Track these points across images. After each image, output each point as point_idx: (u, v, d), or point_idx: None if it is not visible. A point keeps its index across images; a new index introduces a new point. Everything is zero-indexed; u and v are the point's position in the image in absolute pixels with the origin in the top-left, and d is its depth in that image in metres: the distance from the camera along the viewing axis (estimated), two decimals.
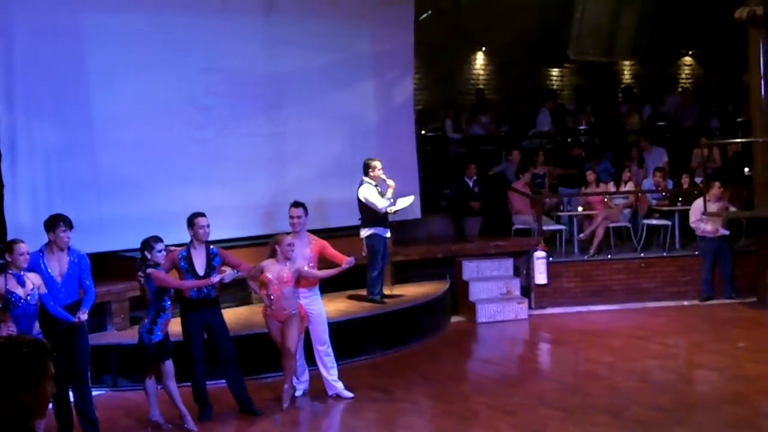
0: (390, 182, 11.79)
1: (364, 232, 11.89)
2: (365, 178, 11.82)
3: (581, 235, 14.84)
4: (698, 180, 15.50)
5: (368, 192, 11.74)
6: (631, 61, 20.88)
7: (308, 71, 13.06)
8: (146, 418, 8.65)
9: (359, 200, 11.82)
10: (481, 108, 18.23)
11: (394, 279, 13.15)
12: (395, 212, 12.08)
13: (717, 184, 13.87)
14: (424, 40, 14.91)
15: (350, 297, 12.29)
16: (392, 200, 11.82)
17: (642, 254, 14.56)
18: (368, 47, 13.82)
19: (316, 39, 13.03)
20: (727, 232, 13.92)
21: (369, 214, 11.82)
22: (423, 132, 16.38)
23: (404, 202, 12.13)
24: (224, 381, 8.98)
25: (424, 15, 15.49)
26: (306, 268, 9.13)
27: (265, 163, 12.62)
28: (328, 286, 10.27)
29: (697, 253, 14.17)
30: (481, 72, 19.79)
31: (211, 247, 8.86)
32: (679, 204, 14.90)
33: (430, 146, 16.75)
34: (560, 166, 16.77)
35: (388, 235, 12.13)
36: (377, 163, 11.90)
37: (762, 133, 13.63)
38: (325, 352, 9.37)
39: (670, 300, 14.07)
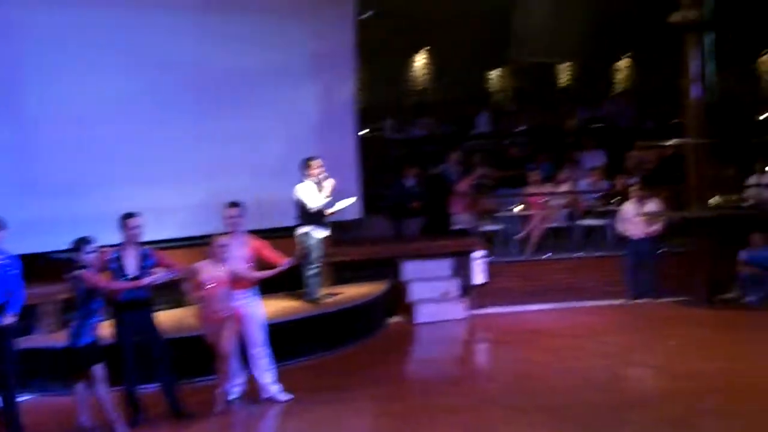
0: (328, 182, 11.76)
1: (299, 231, 11.89)
2: (304, 177, 11.84)
3: (519, 236, 14.92)
4: (633, 181, 15.67)
5: (304, 190, 11.78)
6: (570, 64, 21.07)
7: (248, 69, 12.94)
8: (75, 423, 8.48)
9: (296, 198, 11.82)
10: (422, 109, 18.27)
11: (334, 279, 13.10)
12: (333, 213, 12.09)
13: (635, 186, 14.08)
14: (365, 40, 14.87)
15: (289, 297, 12.20)
16: (330, 200, 11.80)
17: (580, 254, 14.69)
18: (310, 46, 13.74)
19: (256, 37, 12.92)
20: (650, 233, 14.10)
21: (305, 213, 11.84)
22: (364, 132, 16.34)
23: (344, 203, 12.15)
24: (156, 385, 8.86)
25: (366, 15, 15.47)
26: (242, 269, 9.05)
27: (204, 162, 12.44)
28: (266, 287, 10.17)
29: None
30: (422, 73, 19.85)
31: (144, 248, 8.74)
32: (614, 204, 15.06)
33: (370, 146, 16.71)
34: (499, 167, 16.83)
35: (325, 234, 12.10)
36: (316, 162, 11.91)
37: (695, 135, 13.84)
38: (260, 354, 9.25)
39: (607, 299, 14.20)
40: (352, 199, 12.44)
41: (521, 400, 9.34)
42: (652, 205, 14.15)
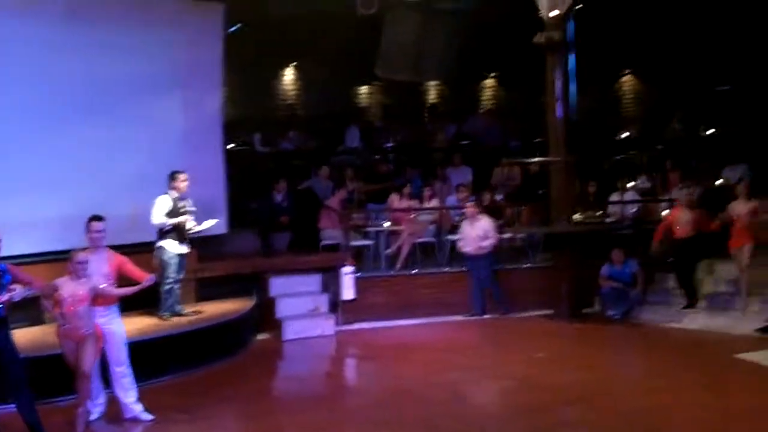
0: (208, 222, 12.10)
1: (157, 244, 11.79)
2: (169, 190, 11.77)
3: (388, 251, 15.00)
4: (499, 198, 15.99)
5: (158, 203, 11.75)
6: (437, 82, 21.34)
7: (114, 80, 12.63)
8: None
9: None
10: (291, 123, 18.22)
11: (198, 296, 12.90)
12: (195, 232, 12.06)
13: (469, 204, 14.47)
14: (234, 53, 14.73)
15: (152, 314, 11.95)
16: (174, 221, 11.77)
17: (447, 269, 14.86)
18: (177, 57, 13.52)
19: (123, 47, 12.64)
20: (483, 250, 14.28)
21: (157, 227, 11.82)
22: (231, 145, 16.17)
23: (206, 224, 12.14)
24: (14, 405, 8.50)
25: (234, 28, 15.33)
26: (103, 286, 8.79)
27: (65, 174, 12.02)
28: (127, 305, 9.93)
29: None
30: (291, 87, 19.81)
31: (0, 263, 8.40)
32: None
33: (238, 160, 16.55)
34: (368, 183, 16.91)
35: (184, 250, 11.97)
36: (182, 175, 11.80)
37: (557, 153, 14.19)
38: (122, 373, 9.01)
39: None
40: (213, 221, 12.34)
41: (389, 414, 9.36)
42: (484, 224, 14.32)
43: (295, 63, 19.65)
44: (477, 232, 14.26)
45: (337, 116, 19.24)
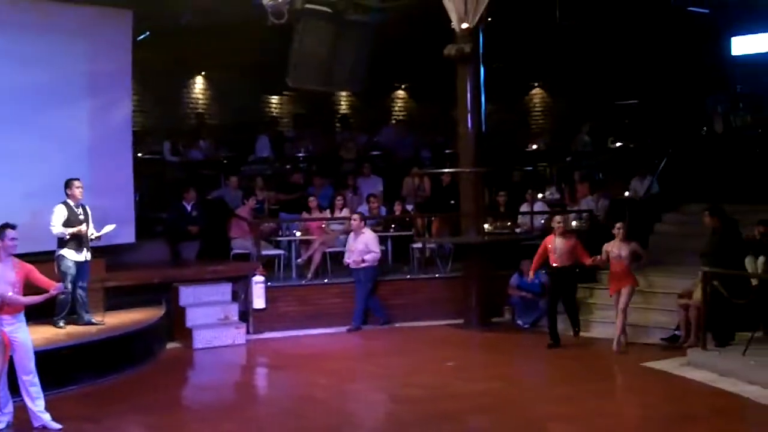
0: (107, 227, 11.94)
1: (56, 253, 11.71)
2: (67, 198, 11.74)
3: (299, 260, 14.96)
4: (409, 208, 16.08)
5: (56, 212, 11.67)
6: (348, 92, 21.40)
7: (19, 88, 12.43)
8: None
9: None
10: (201, 132, 18.06)
11: (107, 305, 12.68)
12: (97, 238, 11.93)
13: (354, 216, 14.49)
14: (142, 61, 14.55)
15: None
16: (73, 230, 11.65)
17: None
18: (84, 66, 13.32)
19: (28, 55, 12.44)
20: (365, 265, 14.19)
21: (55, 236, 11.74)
22: (140, 155, 15.95)
23: (105, 230, 11.97)
24: None
25: (143, 36, 15.13)
26: (10, 294, 8.59)
27: None
28: (34, 313, 9.71)
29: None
30: (201, 96, 19.67)
31: None
32: (391, 230, 15.38)
33: (147, 169, 16.32)
34: (280, 192, 16.84)
35: (82, 258, 11.80)
36: (75, 182, 11.79)
37: (467, 165, 14.35)
38: (30, 382, 8.84)
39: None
40: (112, 227, 12.12)
41: (298, 424, 9.40)
42: (367, 238, 14.27)
43: (204, 72, 19.50)
44: (359, 246, 14.21)
45: (248, 126, 19.15)
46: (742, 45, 18.76)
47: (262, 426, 9.59)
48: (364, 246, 14.19)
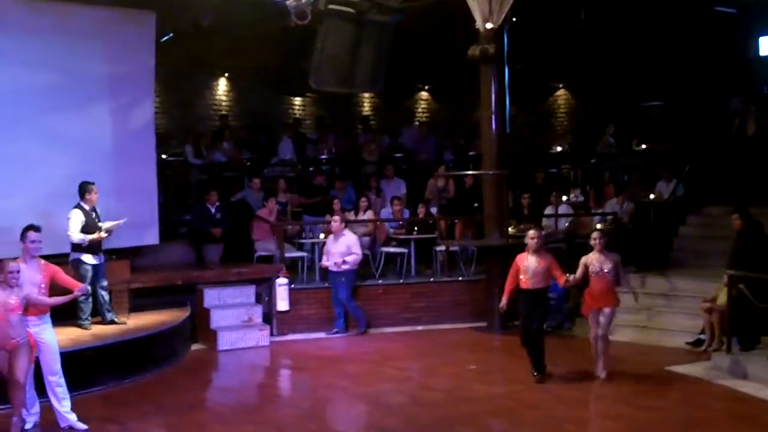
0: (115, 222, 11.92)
1: (71, 257, 11.75)
2: (81, 202, 11.80)
3: (322, 263, 14.96)
4: (433, 210, 16.05)
5: (73, 218, 11.68)
6: (370, 94, 21.42)
7: (41, 91, 12.49)
8: None
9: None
10: (223, 134, 18.11)
11: (131, 306, 12.75)
12: (107, 236, 11.92)
13: (335, 219, 14.27)
14: (164, 63, 14.60)
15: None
16: (93, 237, 11.71)
17: (380, 281, 14.90)
18: (106, 68, 13.32)
19: (48, 58, 12.49)
20: (345, 267, 13.99)
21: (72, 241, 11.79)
22: (163, 156, 16.02)
23: (113, 224, 11.98)
24: None
25: (166, 38, 15.18)
26: (36, 295, 8.66)
27: None
28: (59, 314, 9.78)
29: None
30: (224, 98, 19.74)
31: None
32: (415, 233, 15.36)
33: (170, 171, 16.40)
34: (303, 194, 16.87)
35: (97, 261, 11.88)
36: (93, 187, 11.84)
37: (491, 167, 14.30)
38: (56, 382, 8.93)
39: (405, 325, 14.47)
40: (121, 221, 12.10)
41: (318, 426, 9.46)
42: (348, 240, 14.10)
43: (227, 74, 19.56)
44: (340, 248, 14.01)
45: (270, 128, 19.20)
46: None
47: (282, 428, 9.58)
48: (345, 248, 14.01)
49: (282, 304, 13.91)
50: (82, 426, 8.96)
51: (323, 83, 15.92)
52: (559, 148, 19.74)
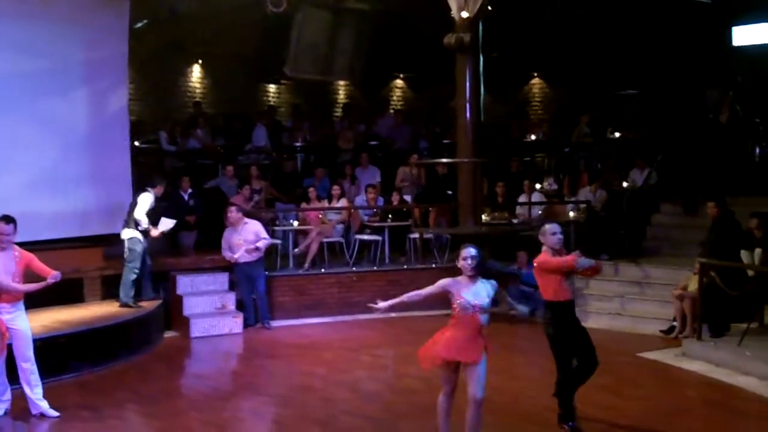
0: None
1: (126, 233, 12.37)
2: (150, 190, 12.71)
3: (296, 250, 14.96)
4: (407, 198, 16.07)
5: (143, 199, 12.55)
6: (347, 82, 21.41)
7: (13, 76, 12.41)
8: None
9: (133, 202, 12.62)
10: (197, 121, 18.04)
11: (105, 293, 12.73)
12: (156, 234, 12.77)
13: (230, 209, 13.85)
14: (139, 49, 14.53)
15: (60, 311, 11.82)
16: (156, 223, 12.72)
17: (354, 268, 14.92)
18: (80, 54, 13.27)
19: (22, 43, 12.42)
20: (249, 258, 13.67)
21: (131, 217, 12.46)
22: (137, 143, 15.94)
23: (166, 224, 12.89)
24: None
25: (140, 24, 15.10)
26: (8, 282, 8.61)
27: None
28: (33, 302, 9.74)
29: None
30: (198, 85, 19.66)
31: None
32: (389, 220, 15.38)
33: (144, 158, 16.32)
34: (276, 182, 16.82)
35: (146, 244, 12.59)
36: (163, 182, 13.18)
37: (466, 155, 14.34)
38: (29, 369, 8.90)
39: (380, 313, 14.41)
40: (172, 222, 13.07)
41: (292, 412, 9.45)
42: (253, 227, 13.80)
43: (201, 60, 19.48)
44: (247, 237, 13.67)
45: (245, 115, 19.14)
46: (744, 35, 18.67)
47: (258, 414, 9.64)
48: (254, 236, 13.67)
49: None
50: (54, 413, 8.94)
51: (299, 71, 15.93)
52: (533, 137, 19.79)
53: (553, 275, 8.24)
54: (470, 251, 7.60)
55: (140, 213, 12.41)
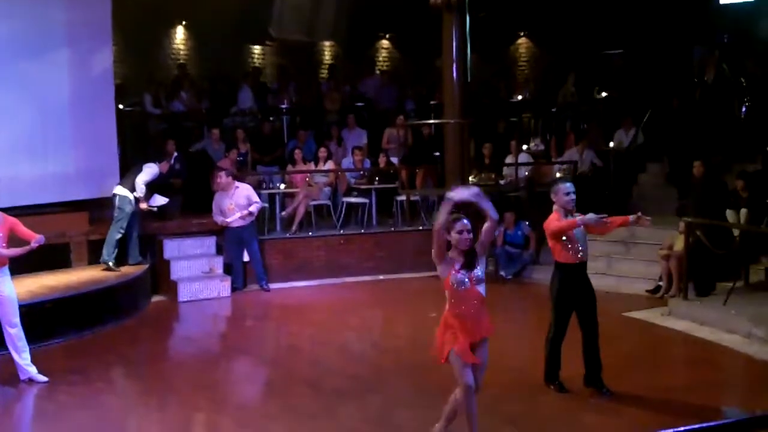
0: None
1: (118, 190, 12.56)
2: (158, 163, 13.30)
3: (283, 213, 14.94)
4: (394, 160, 16.03)
5: (147, 169, 12.93)
6: (332, 43, 21.27)
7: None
8: None
9: (138, 168, 12.96)
10: (182, 83, 17.91)
11: (91, 258, 12.69)
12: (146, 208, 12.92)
13: (219, 174, 13.82)
14: (122, 11, 14.36)
15: (47, 276, 11.82)
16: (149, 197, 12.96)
17: (341, 231, 14.91)
18: (62, 16, 13.09)
19: (1, 4, 12.23)
20: (242, 222, 13.62)
21: (131, 179, 12.71)
22: (121, 106, 15.83)
23: (158, 200, 13.14)
24: None
25: None
26: None
27: None
28: (19, 267, 9.72)
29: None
30: (182, 47, 19.50)
31: None
32: (376, 182, 15.36)
33: (129, 121, 16.22)
34: (261, 145, 16.72)
35: (135, 208, 12.76)
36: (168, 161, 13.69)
37: (452, 116, 14.28)
38: (16, 335, 8.91)
39: (367, 275, 14.49)
40: (165, 200, 13.31)
41: (280, 373, 9.54)
42: (245, 191, 13.69)
43: (185, 22, 19.30)
44: (239, 201, 13.64)
45: (230, 77, 19.02)
46: None
47: (246, 376, 9.70)
48: (245, 200, 13.65)
49: (244, 254, 13.86)
50: (42, 378, 8.95)
51: (284, 32, 15.82)
52: (520, 97, 19.74)
53: (559, 237, 8.16)
54: (467, 223, 6.87)
55: (141, 180, 12.61)
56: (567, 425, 7.68)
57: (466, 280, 6.77)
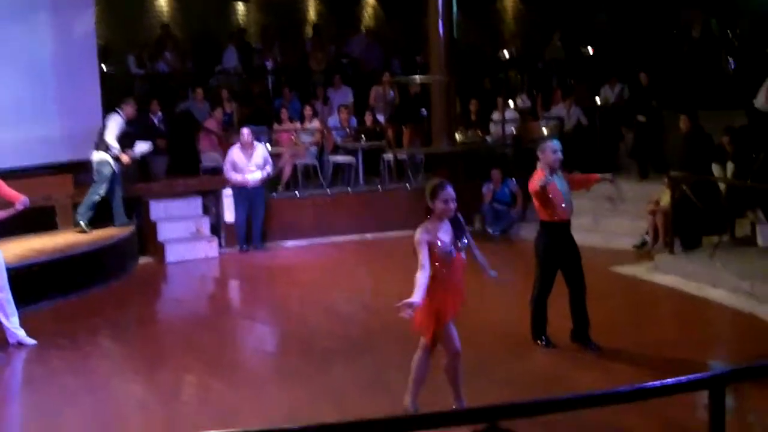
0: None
1: (95, 155, 12.30)
2: (119, 112, 12.64)
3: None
4: (380, 118, 15.97)
5: (112, 122, 12.49)
6: (316, 1, 21.10)
7: None
8: None
9: (103, 125, 12.53)
10: (165, 44, 17.76)
11: (75, 221, 12.65)
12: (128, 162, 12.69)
13: (243, 131, 13.79)
14: None
15: (35, 238, 11.77)
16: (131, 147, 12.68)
17: (328, 190, 14.88)
18: None
19: None
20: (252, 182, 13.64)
21: (103, 140, 12.37)
22: (105, 68, 15.69)
23: (141, 147, 12.88)
24: None
25: None
26: None
27: None
28: (5, 231, 9.68)
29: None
30: (165, 7, 19.30)
31: None
32: (362, 141, 15.31)
33: (113, 83, 16.07)
34: (246, 104, 16.64)
35: (116, 169, 12.50)
36: (130, 101, 12.96)
37: (438, 73, 14.21)
38: (4, 298, 8.87)
39: (354, 234, 14.47)
40: (148, 145, 13.05)
41: (268, 333, 9.61)
42: (262, 152, 13.74)
43: None
44: (257, 161, 13.66)
45: (214, 36, 18.87)
46: None
47: (235, 336, 9.71)
48: (263, 160, 13.68)
49: (230, 215, 13.84)
50: (31, 341, 8.94)
51: None
52: (506, 53, 19.63)
53: (543, 196, 8.15)
54: (451, 192, 6.57)
55: (110, 136, 12.31)
56: (557, 383, 7.69)
57: (452, 249, 6.57)
